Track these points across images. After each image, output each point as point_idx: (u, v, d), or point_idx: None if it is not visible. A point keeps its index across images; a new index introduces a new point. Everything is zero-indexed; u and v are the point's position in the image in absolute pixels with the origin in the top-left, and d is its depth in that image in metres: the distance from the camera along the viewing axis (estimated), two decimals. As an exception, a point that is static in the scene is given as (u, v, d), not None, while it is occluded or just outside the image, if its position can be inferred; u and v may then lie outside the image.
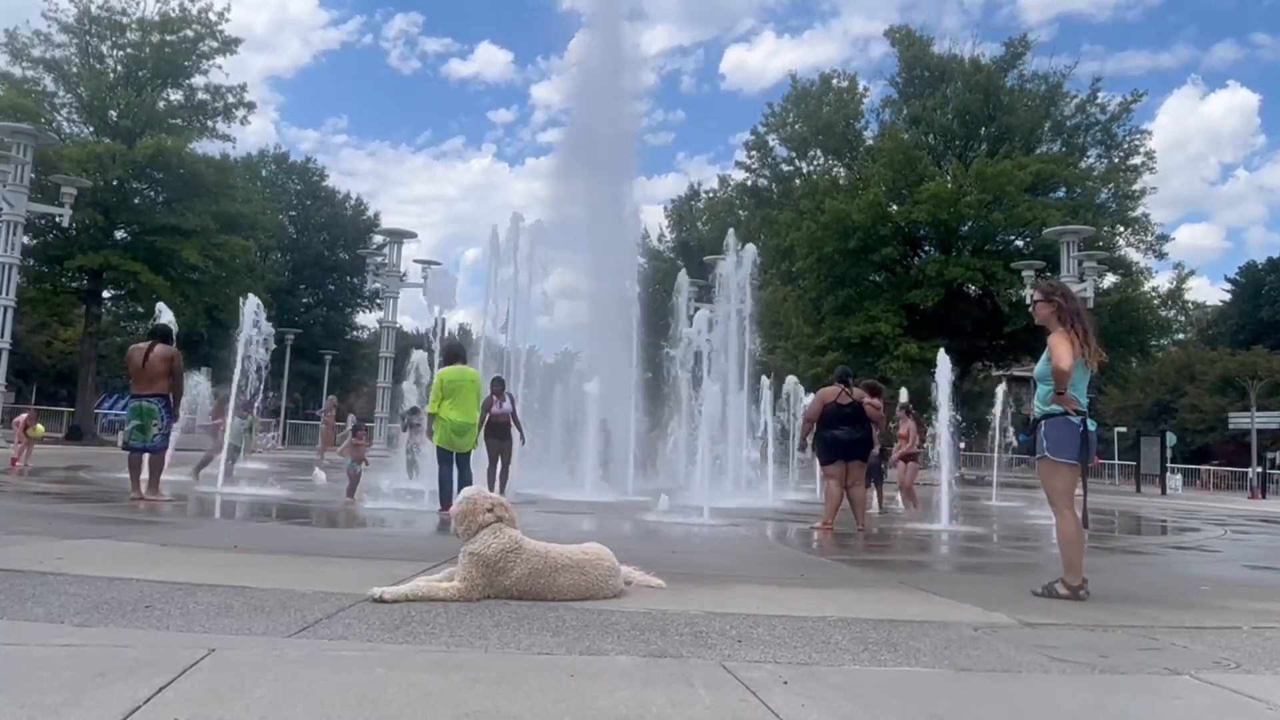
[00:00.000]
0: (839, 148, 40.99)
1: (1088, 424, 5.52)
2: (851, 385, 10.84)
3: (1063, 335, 5.56)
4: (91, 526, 7.49)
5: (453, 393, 10.19)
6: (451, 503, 9.43)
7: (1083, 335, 5.60)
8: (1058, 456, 5.56)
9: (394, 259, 32.23)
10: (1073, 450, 5.48)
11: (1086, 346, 5.59)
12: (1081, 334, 5.60)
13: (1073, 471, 5.56)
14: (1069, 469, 5.55)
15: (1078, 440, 5.46)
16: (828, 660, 3.58)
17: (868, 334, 34.53)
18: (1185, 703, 3.20)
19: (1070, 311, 5.68)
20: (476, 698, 2.79)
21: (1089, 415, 5.61)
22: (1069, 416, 5.48)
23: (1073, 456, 5.50)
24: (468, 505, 4.73)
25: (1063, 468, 5.57)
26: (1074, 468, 5.54)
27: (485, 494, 4.86)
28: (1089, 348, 5.60)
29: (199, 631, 3.56)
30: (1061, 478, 5.59)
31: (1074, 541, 5.56)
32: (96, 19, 33.46)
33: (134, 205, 34.25)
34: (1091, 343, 5.63)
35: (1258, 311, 59.17)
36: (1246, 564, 9.57)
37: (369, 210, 60.23)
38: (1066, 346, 5.48)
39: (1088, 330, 5.66)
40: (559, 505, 12.85)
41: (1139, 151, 38.71)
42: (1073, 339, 5.55)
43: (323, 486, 14.25)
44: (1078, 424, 5.47)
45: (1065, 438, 5.51)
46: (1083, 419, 5.50)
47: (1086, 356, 5.58)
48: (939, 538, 11.08)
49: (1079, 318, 5.67)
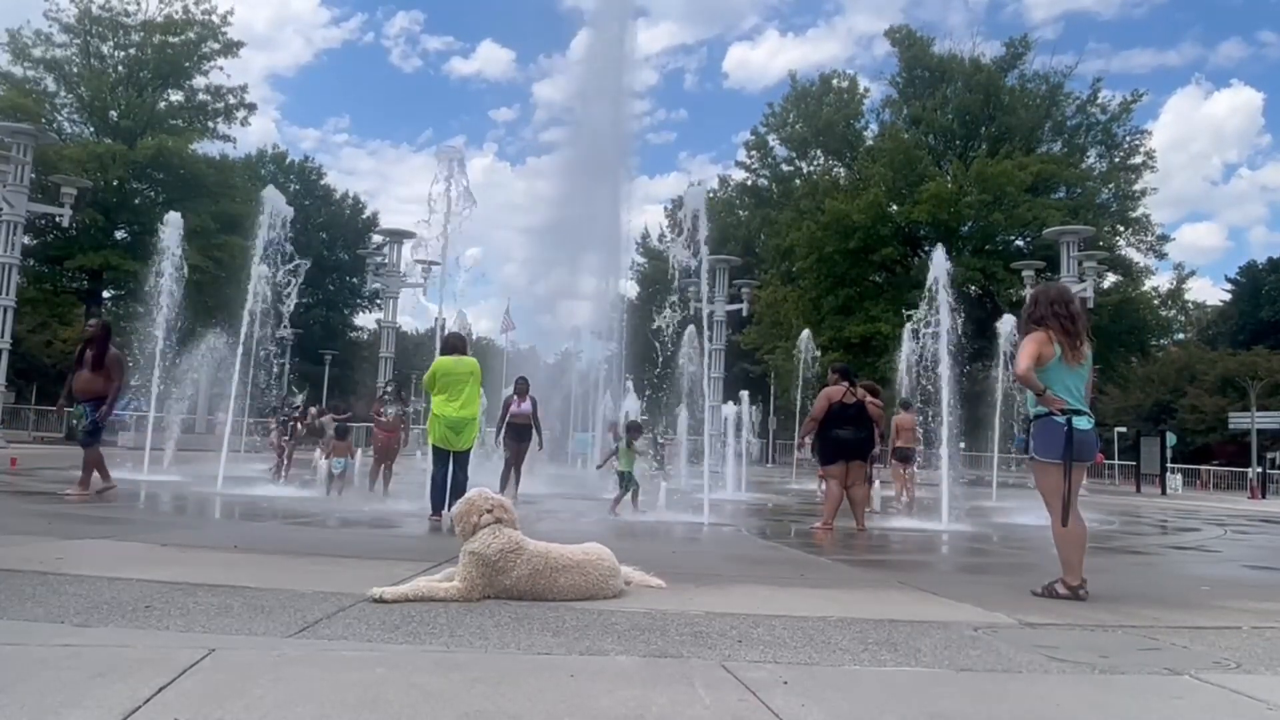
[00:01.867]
0: (839, 148, 41.03)
1: (1074, 422, 5.46)
2: (855, 384, 10.82)
3: (1026, 341, 5.63)
4: (91, 526, 7.49)
5: (448, 385, 9.29)
6: (443, 507, 9.01)
7: (1059, 331, 5.57)
8: (1044, 457, 5.58)
9: (394, 259, 32.23)
10: (1057, 450, 5.48)
11: (1064, 342, 5.55)
12: (1058, 330, 5.57)
13: (1059, 470, 5.53)
14: (1054, 468, 5.54)
15: (1062, 440, 5.45)
16: (828, 660, 3.58)
17: (868, 334, 34.54)
18: (1185, 703, 3.19)
19: (1039, 315, 5.66)
20: (476, 698, 2.79)
21: (1084, 413, 5.56)
22: (1054, 416, 5.48)
23: (1058, 456, 5.49)
24: (467, 505, 4.74)
25: (1050, 467, 5.57)
26: (1059, 467, 5.51)
27: (486, 494, 4.86)
28: (1066, 344, 5.55)
29: (199, 631, 3.55)
30: (1049, 477, 5.59)
31: (1069, 541, 5.54)
32: (98, 19, 33.51)
33: (134, 205, 34.29)
34: (1069, 339, 5.57)
35: (1258, 311, 59.15)
36: (1246, 564, 9.56)
37: (367, 210, 60.35)
38: (1025, 350, 5.56)
39: (1065, 327, 5.60)
40: (560, 505, 12.84)
41: (1139, 152, 38.80)
42: (1042, 340, 5.55)
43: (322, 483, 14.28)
44: (1062, 423, 5.45)
45: (1050, 438, 5.51)
46: (1068, 418, 5.46)
47: (1064, 353, 5.55)
48: (939, 538, 11.07)
49: (1052, 318, 5.61)
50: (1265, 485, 36.74)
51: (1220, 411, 47.46)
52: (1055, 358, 5.56)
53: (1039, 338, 5.58)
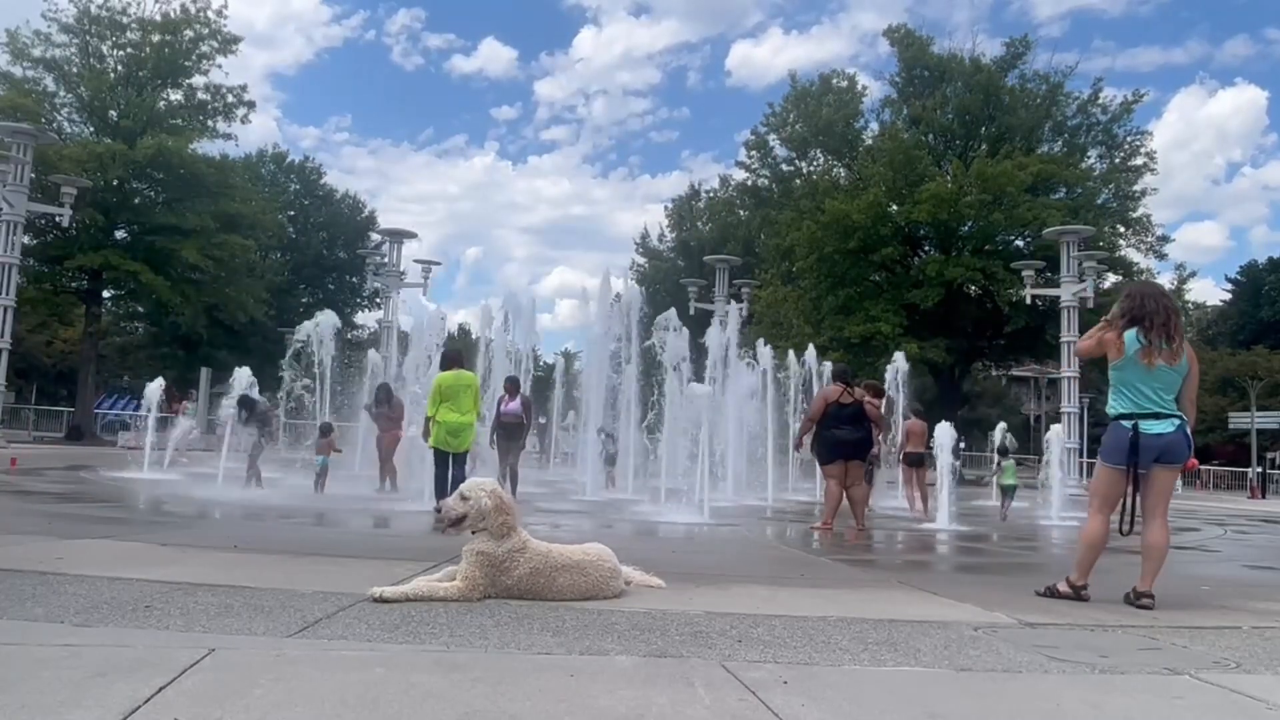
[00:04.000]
0: (839, 148, 40.99)
1: (1144, 426, 5.31)
2: (852, 384, 10.84)
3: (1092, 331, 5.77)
4: (91, 526, 7.49)
5: (450, 397, 10.41)
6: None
7: (1148, 330, 5.36)
8: (1100, 458, 5.62)
9: (394, 259, 32.20)
10: (1115, 454, 5.41)
11: (1150, 339, 5.34)
12: (1148, 329, 5.36)
13: (1112, 475, 5.46)
14: (1108, 471, 5.50)
15: (1122, 443, 5.37)
16: (828, 660, 3.58)
17: (868, 334, 34.51)
18: (1185, 703, 3.19)
19: (1121, 311, 5.53)
20: (476, 698, 2.79)
21: (1161, 416, 5.34)
22: (1120, 421, 5.41)
23: (1116, 461, 5.42)
24: (472, 504, 4.68)
25: (1103, 470, 5.58)
26: (1114, 471, 5.44)
27: (495, 492, 4.83)
28: (1150, 344, 5.33)
29: (199, 631, 3.55)
30: (1099, 479, 5.63)
31: (1090, 544, 5.52)
32: (96, 19, 33.49)
33: (134, 205, 34.28)
34: (1154, 338, 5.34)
35: (1258, 311, 59.09)
36: (1246, 564, 9.57)
37: (367, 209, 60.29)
38: (1085, 341, 5.80)
39: (1154, 326, 5.36)
40: (559, 505, 12.84)
41: (1140, 152, 38.77)
42: (1102, 335, 5.56)
43: None
44: (1128, 429, 5.36)
45: (1111, 441, 5.48)
46: (1134, 422, 5.34)
47: (1147, 353, 5.34)
48: (939, 538, 11.08)
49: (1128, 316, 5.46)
50: (1265, 485, 36.78)
51: (1220, 411, 47.44)
52: (1125, 358, 5.39)
53: (1108, 337, 5.49)
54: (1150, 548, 5.40)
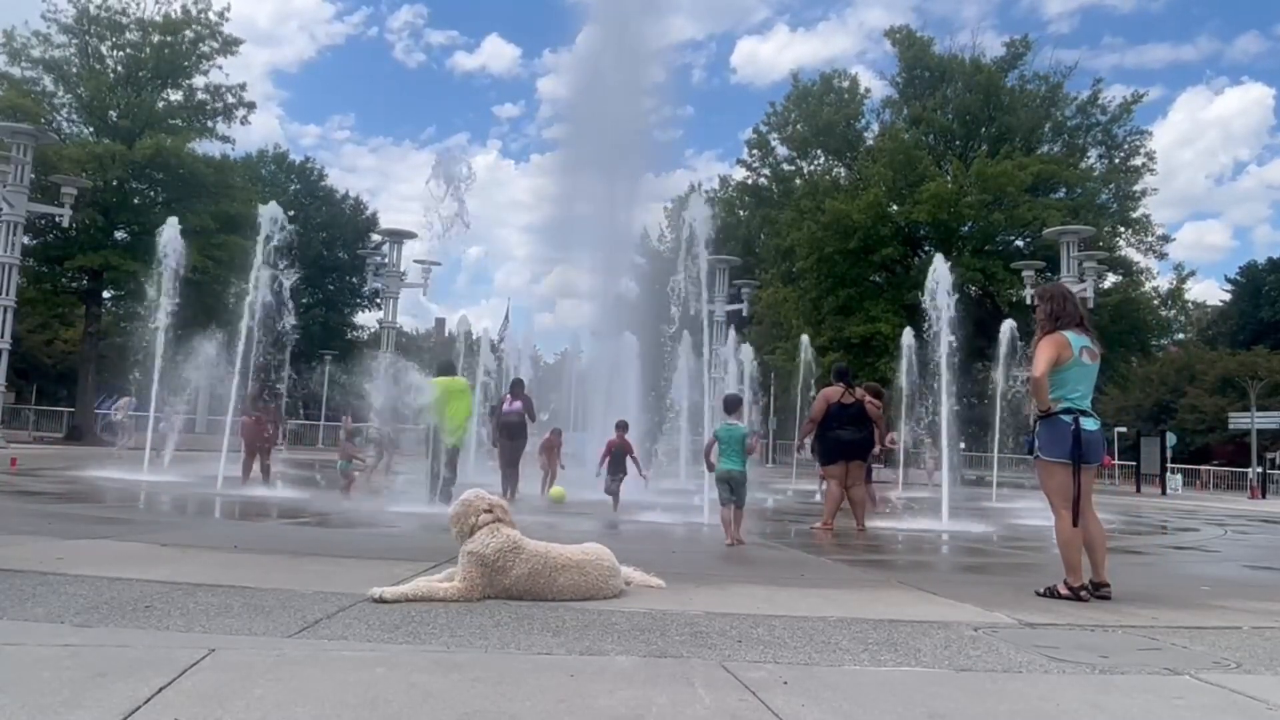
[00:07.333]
0: (839, 148, 41.01)
1: (1083, 422, 5.46)
2: (853, 385, 10.84)
3: (1045, 343, 5.61)
4: (91, 526, 7.49)
5: (446, 400, 11.37)
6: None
7: (1080, 328, 5.59)
8: (1048, 456, 5.57)
9: (394, 259, 32.21)
10: (1064, 449, 5.47)
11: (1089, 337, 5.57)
12: (1080, 327, 5.59)
13: (1065, 470, 5.51)
14: (1061, 468, 5.53)
15: (1069, 439, 5.44)
16: (828, 660, 3.58)
17: (868, 334, 34.51)
18: (1185, 703, 3.19)
19: (1058, 313, 5.65)
20: (476, 698, 2.79)
21: (1091, 414, 5.57)
22: (1060, 416, 5.47)
23: (1065, 455, 5.47)
24: (463, 507, 4.73)
25: (1055, 467, 5.56)
26: (1067, 466, 5.50)
27: (483, 495, 4.85)
28: (1091, 342, 5.58)
29: (199, 631, 3.56)
30: (1054, 477, 5.57)
31: (1069, 543, 5.54)
32: (96, 19, 33.46)
33: (134, 205, 34.24)
34: (1090, 335, 5.61)
35: (1258, 311, 59.10)
36: (1246, 564, 9.57)
37: (368, 209, 60.31)
38: (1043, 353, 5.54)
39: (1082, 323, 5.63)
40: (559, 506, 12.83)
41: (1140, 152, 38.79)
42: (1061, 342, 5.55)
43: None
44: (1069, 422, 5.44)
45: (1057, 437, 5.50)
46: (1075, 417, 5.45)
47: (1090, 351, 5.56)
48: (939, 538, 11.08)
49: (1055, 317, 5.62)
50: (1265, 485, 36.76)
51: (1220, 411, 47.47)
52: (1074, 358, 5.54)
53: (1058, 340, 5.55)
54: (1095, 539, 5.60)
